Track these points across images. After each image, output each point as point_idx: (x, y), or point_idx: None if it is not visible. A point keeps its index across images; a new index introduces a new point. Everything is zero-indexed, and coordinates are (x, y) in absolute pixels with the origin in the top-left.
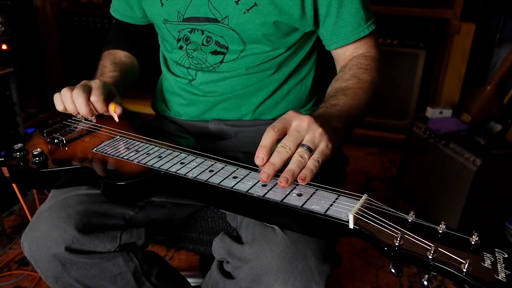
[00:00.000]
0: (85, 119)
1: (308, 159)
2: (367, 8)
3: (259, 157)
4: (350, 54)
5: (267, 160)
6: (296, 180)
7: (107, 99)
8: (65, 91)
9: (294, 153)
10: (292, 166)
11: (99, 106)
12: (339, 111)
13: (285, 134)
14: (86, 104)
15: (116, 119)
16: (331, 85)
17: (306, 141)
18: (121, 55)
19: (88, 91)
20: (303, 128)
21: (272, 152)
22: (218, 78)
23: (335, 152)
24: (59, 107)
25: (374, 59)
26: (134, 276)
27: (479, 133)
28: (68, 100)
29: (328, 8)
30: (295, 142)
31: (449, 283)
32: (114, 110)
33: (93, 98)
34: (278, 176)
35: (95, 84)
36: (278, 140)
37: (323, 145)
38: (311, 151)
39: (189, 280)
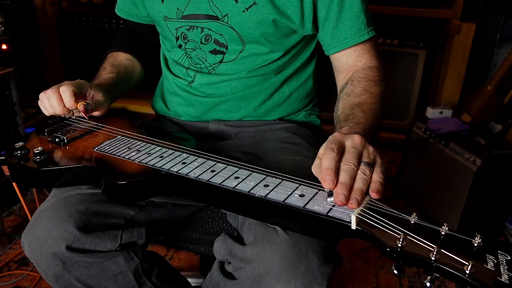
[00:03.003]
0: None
1: (371, 175)
2: (367, 13)
3: (328, 179)
4: (353, 63)
5: (337, 182)
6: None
7: (81, 96)
8: (40, 95)
9: (358, 169)
10: (359, 184)
11: (67, 98)
12: (363, 129)
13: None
14: (58, 100)
15: (85, 115)
16: (342, 99)
17: (365, 157)
18: (122, 57)
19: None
20: (358, 145)
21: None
22: (217, 80)
23: None
24: (44, 112)
25: (379, 70)
26: (135, 275)
27: (479, 133)
28: (46, 103)
29: (327, 12)
30: (357, 159)
31: (449, 283)
32: (78, 107)
33: (61, 88)
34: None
35: (68, 81)
36: None
37: (379, 160)
38: (371, 167)
39: (189, 280)
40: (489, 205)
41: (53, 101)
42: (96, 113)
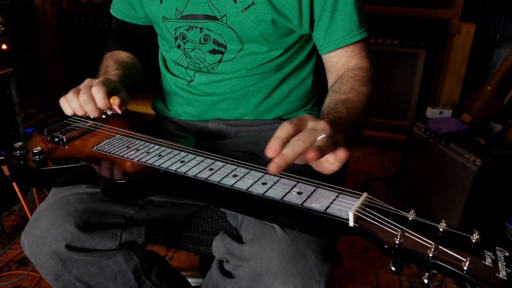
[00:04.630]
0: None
1: (327, 152)
2: (360, 14)
3: (272, 148)
4: (344, 64)
5: (279, 153)
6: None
7: (111, 94)
8: (70, 94)
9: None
10: (317, 144)
11: (100, 97)
12: (344, 123)
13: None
14: (94, 103)
15: (118, 111)
16: (329, 96)
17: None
18: (124, 55)
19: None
20: (319, 128)
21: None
22: (216, 79)
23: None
24: (67, 111)
25: (369, 71)
26: (134, 275)
27: (479, 133)
28: (75, 103)
29: (321, 12)
30: (310, 138)
31: (449, 282)
32: (113, 102)
33: (94, 88)
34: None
35: (97, 80)
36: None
37: (342, 143)
38: (330, 146)
39: (189, 280)
40: (489, 205)
41: (88, 102)
42: (120, 110)
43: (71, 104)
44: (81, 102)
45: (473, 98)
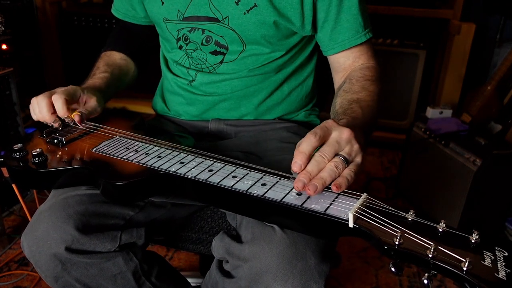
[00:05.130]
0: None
1: (343, 170)
2: (365, 15)
3: (297, 163)
4: (351, 64)
5: (305, 167)
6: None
7: (74, 102)
8: (32, 100)
9: (330, 162)
10: (324, 174)
11: (59, 106)
12: (360, 124)
13: (323, 143)
14: (48, 108)
15: (80, 126)
16: (340, 96)
17: (344, 152)
18: (116, 57)
19: (51, 96)
20: (343, 139)
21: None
22: (218, 79)
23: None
24: (33, 117)
25: (376, 70)
26: (134, 276)
27: (479, 133)
28: (36, 108)
29: (326, 14)
30: (333, 153)
31: (449, 282)
32: (73, 117)
33: (54, 96)
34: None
35: (60, 88)
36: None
37: (358, 160)
38: (346, 163)
39: (189, 280)
40: (489, 205)
41: (43, 108)
42: (81, 125)
43: (33, 109)
44: (38, 105)
45: (473, 98)
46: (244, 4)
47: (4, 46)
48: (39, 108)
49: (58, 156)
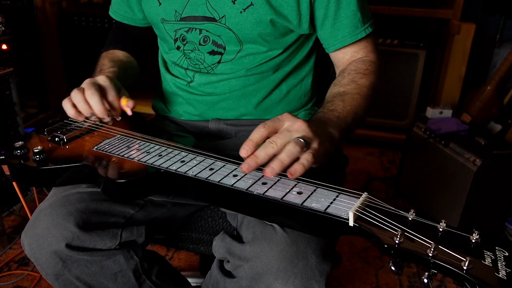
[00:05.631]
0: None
1: (299, 155)
2: (364, 10)
3: (244, 149)
4: (349, 58)
5: (252, 153)
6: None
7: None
8: (75, 94)
9: (281, 151)
10: (282, 155)
11: (116, 105)
12: (336, 117)
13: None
14: (101, 103)
15: (130, 113)
16: (329, 89)
17: (300, 137)
18: (120, 54)
19: (100, 90)
20: (295, 129)
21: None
22: (215, 79)
23: (330, 156)
24: (70, 112)
25: (373, 63)
26: (135, 274)
27: (479, 133)
28: (81, 102)
29: (326, 11)
30: (284, 140)
31: (449, 282)
32: (127, 104)
33: (110, 98)
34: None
35: (104, 81)
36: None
37: (315, 145)
38: (303, 147)
39: (189, 280)
40: (489, 205)
41: (94, 100)
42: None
43: (78, 104)
44: (92, 103)
45: (473, 98)
46: (240, 3)
47: (4, 46)
48: (93, 105)
49: (59, 154)
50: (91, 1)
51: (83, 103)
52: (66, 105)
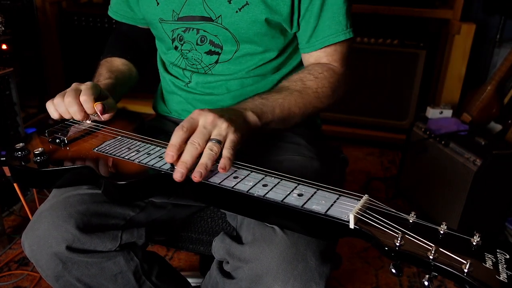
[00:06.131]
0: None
1: (219, 151)
2: (333, 19)
3: (169, 154)
4: (313, 61)
5: (178, 159)
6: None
7: (98, 100)
8: (57, 98)
9: (204, 148)
10: (203, 159)
11: (89, 106)
12: (261, 103)
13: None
14: (79, 107)
15: (101, 118)
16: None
17: (214, 135)
18: (118, 62)
19: (79, 94)
20: (209, 123)
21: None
22: (213, 80)
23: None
24: (53, 114)
25: (333, 73)
26: (135, 276)
27: (479, 133)
28: (62, 106)
29: (304, 13)
30: (203, 138)
31: (449, 283)
32: (96, 107)
33: (82, 98)
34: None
35: (85, 85)
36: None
37: (231, 135)
38: (220, 143)
39: (189, 280)
40: (489, 205)
41: (72, 104)
42: (106, 116)
43: (58, 107)
44: (66, 104)
45: (473, 98)
46: (236, 3)
47: (4, 46)
48: (68, 104)
49: (59, 155)
50: (91, 1)
51: (63, 107)
52: (50, 108)
